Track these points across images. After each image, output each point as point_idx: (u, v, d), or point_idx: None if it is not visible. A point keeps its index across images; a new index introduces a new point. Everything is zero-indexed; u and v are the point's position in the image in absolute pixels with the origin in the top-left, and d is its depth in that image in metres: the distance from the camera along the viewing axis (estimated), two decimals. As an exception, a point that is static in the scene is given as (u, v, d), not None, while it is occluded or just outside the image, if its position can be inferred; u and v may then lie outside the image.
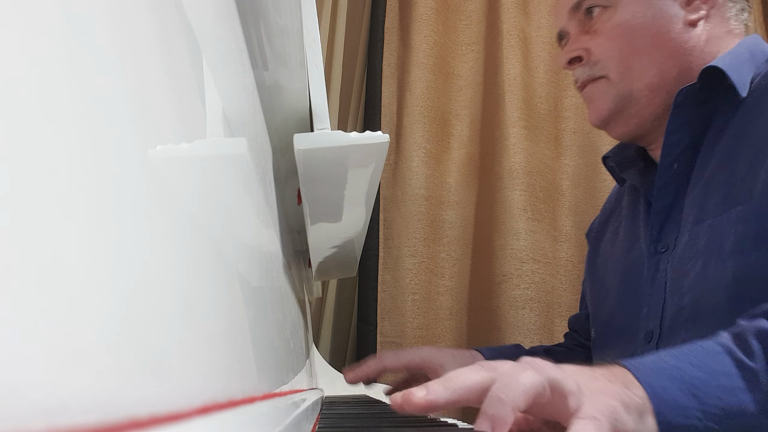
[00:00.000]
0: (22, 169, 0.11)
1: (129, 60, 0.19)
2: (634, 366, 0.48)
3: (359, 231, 0.79)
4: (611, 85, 0.77)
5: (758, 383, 0.46)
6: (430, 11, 1.54)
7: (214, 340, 0.24)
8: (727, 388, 0.46)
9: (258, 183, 0.43)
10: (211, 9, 0.33)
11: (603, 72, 0.78)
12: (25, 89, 0.11)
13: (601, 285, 0.88)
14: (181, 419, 0.18)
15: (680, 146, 0.73)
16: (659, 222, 0.76)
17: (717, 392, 0.46)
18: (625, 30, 0.76)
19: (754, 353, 0.47)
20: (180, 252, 0.21)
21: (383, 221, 1.51)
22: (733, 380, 0.46)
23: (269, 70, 0.53)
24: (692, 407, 0.46)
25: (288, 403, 0.42)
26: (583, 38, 0.79)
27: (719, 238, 0.65)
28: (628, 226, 0.84)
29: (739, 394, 0.46)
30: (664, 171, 0.74)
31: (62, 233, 0.12)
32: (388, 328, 1.46)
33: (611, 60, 0.77)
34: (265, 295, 0.41)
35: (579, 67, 0.80)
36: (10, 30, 0.11)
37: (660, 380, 0.46)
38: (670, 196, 0.75)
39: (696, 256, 0.68)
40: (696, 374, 0.47)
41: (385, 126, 1.53)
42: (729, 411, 0.45)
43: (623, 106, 0.77)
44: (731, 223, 0.64)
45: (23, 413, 0.10)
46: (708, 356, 0.48)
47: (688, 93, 0.71)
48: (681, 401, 0.46)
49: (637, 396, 0.46)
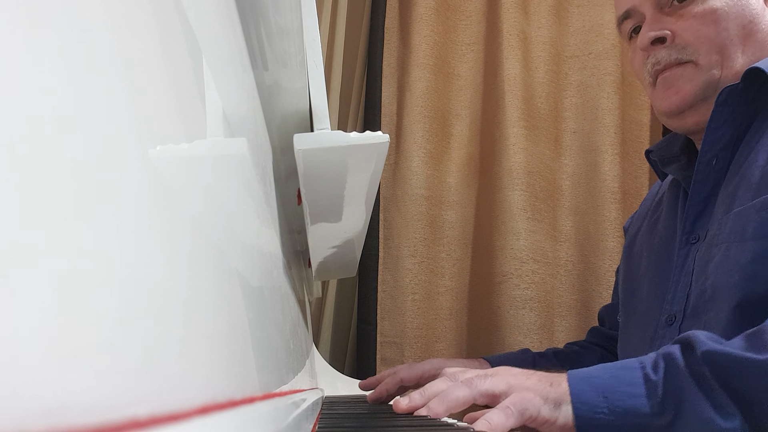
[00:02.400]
0: (22, 169, 0.11)
1: (128, 60, 0.19)
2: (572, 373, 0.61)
3: (359, 231, 0.79)
4: (700, 71, 0.76)
5: (655, 392, 0.57)
6: (430, 11, 1.54)
7: (214, 340, 0.24)
8: (630, 394, 0.58)
9: (258, 183, 0.43)
10: (211, 9, 0.33)
11: (692, 57, 0.76)
12: (24, 89, 0.11)
13: (634, 274, 0.90)
14: (181, 419, 0.18)
15: (720, 143, 0.74)
16: (694, 214, 0.77)
17: (622, 396, 0.58)
18: (719, 16, 0.75)
19: (659, 369, 0.58)
20: (180, 252, 0.21)
21: (383, 221, 1.51)
22: (637, 389, 0.58)
23: (269, 70, 0.53)
24: (601, 405, 0.58)
25: (288, 403, 0.42)
26: (667, 20, 0.78)
27: (742, 225, 0.67)
28: (667, 220, 0.86)
29: (638, 398, 0.57)
30: (703, 166, 0.76)
31: (62, 233, 0.12)
32: (388, 328, 1.46)
33: (704, 45, 0.76)
34: (265, 295, 0.41)
35: (663, 49, 0.78)
36: (10, 30, 0.11)
37: (581, 384, 0.60)
38: (707, 191, 0.76)
39: (720, 243, 0.70)
40: (609, 382, 0.59)
41: (385, 126, 1.52)
42: (628, 410, 0.57)
43: (710, 94, 0.76)
44: (756, 210, 0.66)
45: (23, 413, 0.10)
46: (625, 370, 0.60)
47: (730, 92, 0.72)
48: (593, 400, 0.59)
49: (557, 391, 0.60)
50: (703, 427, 0.55)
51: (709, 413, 0.55)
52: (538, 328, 1.42)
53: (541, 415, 0.59)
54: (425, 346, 1.44)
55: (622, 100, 1.53)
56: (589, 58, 1.57)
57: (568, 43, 1.60)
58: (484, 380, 0.62)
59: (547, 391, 0.60)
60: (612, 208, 1.48)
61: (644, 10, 0.80)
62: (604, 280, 1.45)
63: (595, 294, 1.46)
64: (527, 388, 0.60)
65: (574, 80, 1.57)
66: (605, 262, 1.47)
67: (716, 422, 0.54)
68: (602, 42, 1.55)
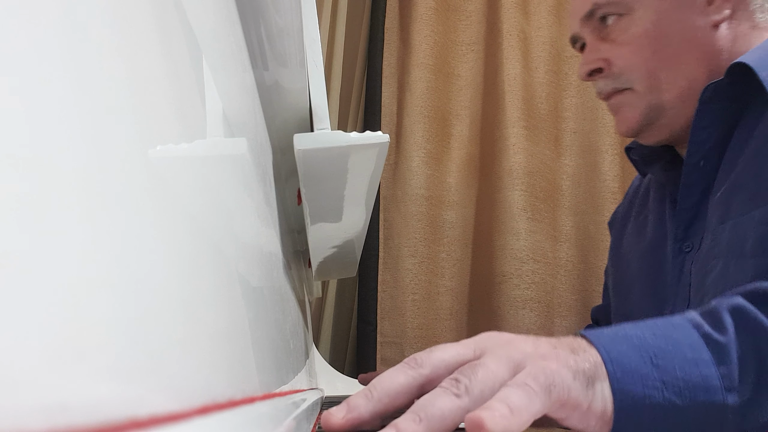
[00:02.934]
0: (23, 169, 0.11)
1: (129, 60, 0.19)
2: (590, 333, 0.43)
3: (359, 231, 0.79)
4: (639, 97, 0.74)
5: (726, 357, 0.42)
6: (430, 11, 1.54)
7: (214, 340, 0.24)
8: (691, 360, 0.42)
9: (258, 183, 0.43)
10: (211, 9, 0.33)
11: (628, 84, 0.75)
12: (25, 89, 0.11)
13: (623, 279, 0.87)
14: (181, 419, 0.18)
15: (708, 143, 0.71)
16: (685, 221, 0.74)
17: (680, 363, 0.42)
18: (648, 40, 0.72)
19: (725, 328, 0.44)
20: (180, 252, 0.21)
21: (383, 221, 1.51)
22: (699, 353, 0.42)
23: (269, 70, 0.53)
24: (652, 376, 0.41)
25: (288, 403, 0.42)
26: (602, 47, 0.76)
27: (741, 239, 0.63)
28: (655, 222, 0.83)
29: (703, 367, 0.42)
30: (690, 169, 0.72)
31: (62, 233, 0.12)
32: (388, 328, 1.46)
33: (636, 72, 0.74)
34: (265, 295, 0.41)
35: (601, 79, 0.77)
36: (10, 30, 0.11)
37: (618, 345, 0.42)
38: (696, 195, 0.73)
39: (718, 256, 0.66)
40: (658, 343, 0.42)
41: (385, 126, 1.52)
42: (691, 383, 0.41)
43: (654, 118, 0.75)
44: (754, 223, 0.62)
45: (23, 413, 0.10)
46: (673, 328, 0.44)
47: (716, 89, 0.69)
48: (640, 368, 0.41)
49: (587, 361, 0.41)
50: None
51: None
52: (538, 328, 1.42)
53: (572, 397, 0.39)
54: (425, 346, 1.44)
55: (622, 100, 1.54)
56: (589, 58, 1.57)
57: (568, 43, 1.59)
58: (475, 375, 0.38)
59: (573, 360, 0.41)
60: (612, 208, 1.47)
61: (584, 36, 0.79)
62: (603, 280, 1.45)
63: (595, 294, 1.46)
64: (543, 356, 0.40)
65: (574, 80, 1.57)
66: (605, 262, 1.46)
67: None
68: (602, 42, 1.55)
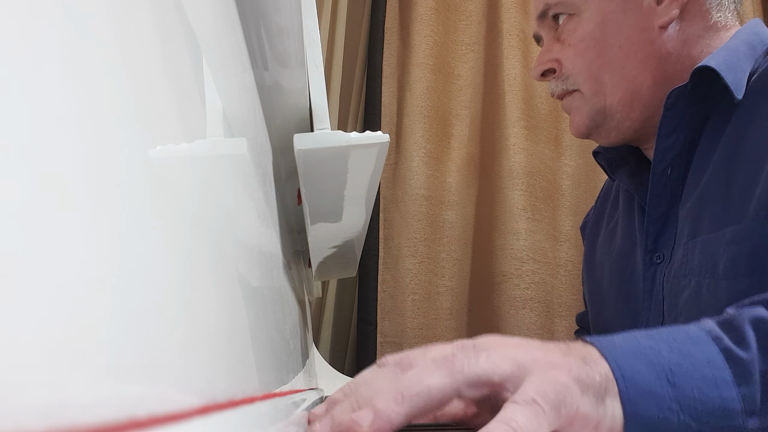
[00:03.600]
0: (23, 169, 0.11)
1: (129, 60, 0.19)
2: (601, 343, 0.40)
3: (359, 231, 0.79)
4: (585, 100, 0.74)
5: (749, 377, 0.39)
6: (430, 11, 1.54)
7: (214, 340, 0.24)
8: (711, 380, 0.39)
9: (258, 183, 0.43)
10: (211, 9, 0.33)
11: (576, 86, 0.75)
12: (25, 89, 0.11)
13: (597, 287, 0.86)
14: (181, 419, 0.18)
15: (674, 150, 0.69)
16: (654, 231, 0.72)
17: (698, 382, 0.38)
18: (591, 43, 0.72)
19: (747, 342, 0.40)
20: (180, 252, 0.21)
21: (383, 221, 1.51)
22: (719, 371, 0.39)
23: (269, 70, 0.53)
24: (668, 397, 0.38)
25: (288, 403, 0.42)
26: (555, 47, 0.76)
27: (713, 258, 0.62)
28: (625, 228, 0.81)
29: (723, 388, 0.38)
30: (657, 177, 0.70)
31: (62, 233, 0.12)
32: (388, 328, 1.46)
33: (581, 75, 0.73)
34: (265, 295, 0.41)
35: (553, 80, 0.77)
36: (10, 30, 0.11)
37: (632, 362, 0.39)
38: (664, 204, 0.71)
39: (689, 274, 0.65)
40: (674, 359, 0.39)
41: (385, 126, 1.52)
42: (710, 406, 0.38)
43: (600, 121, 0.74)
44: (725, 242, 0.61)
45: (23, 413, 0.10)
46: (691, 342, 0.40)
47: (679, 94, 0.67)
48: (655, 389, 0.38)
49: (597, 374, 0.38)
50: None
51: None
52: (538, 328, 1.42)
53: (580, 413, 0.37)
54: (425, 345, 1.44)
55: (622, 100, 1.54)
56: (589, 58, 1.57)
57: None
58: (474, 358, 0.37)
59: (584, 372, 0.38)
60: (612, 208, 1.48)
61: (543, 35, 0.79)
62: (581, 288, 1.45)
63: (595, 294, 1.46)
64: (553, 364, 0.37)
65: (574, 80, 1.57)
66: (605, 262, 1.47)
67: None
68: (602, 42, 1.55)
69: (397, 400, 0.35)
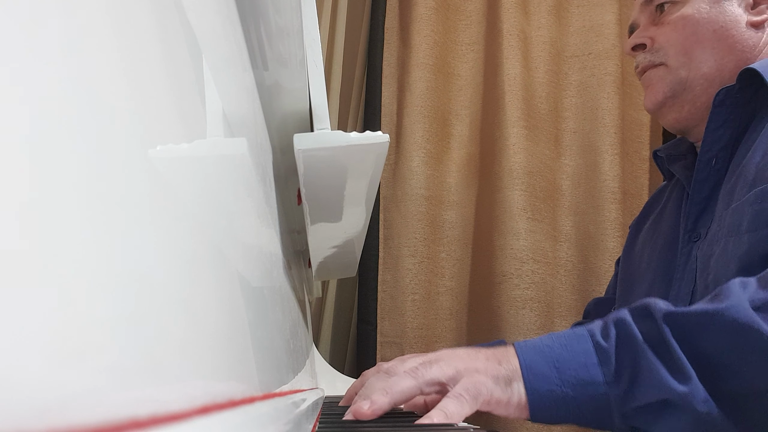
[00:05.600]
0: (23, 169, 0.11)
1: (129, 60, 0.19)
2: (520, 345, 0.60)
3: (359, 231, 0.79)
4: (669, 72, 0.83)
5: (608, 359, 0.57)
6: (430, 11, 1.54)
7: (214, 340, 0.24)
8: (583, 363, 0.58)
9: (258, 183, 0.43)
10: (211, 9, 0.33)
11: (663, 59, 0.83)
12: (25, 89, 0.11)
13: (635, 270, 0.92)
14: (181, 419, 0.18)
15: (720, 143, 0.77)
16: (695, 213, 0.81)
17: (575, 366, 0.58)
18: (689, 22, 0.81)
19: (610, 336, 0.58)
20: (180, 252, 0.21)
21: (383, 221, 1.51)
22: (589, 357, 0.58)
23: (269, 70, 0.53)
24: (554, 376, 0.58)
25: (288, 403, 0.42)
26: (651, 29, 0.86)
27: (739, 219, 0.69)
28: (671, 219, 0.89)
29: (591, 368, 0.57)
30: (703, 165, 0.79)
31: (63, 233, 0.12)
32: (388, 328, 1.46)
33: (672, 47, 0.82)
34: (265, 295, 0.41)
35: (641, 54, 0.85)
36: (10, 30, 0.11)
37: (533, 356, 0.59)
38: (707, 190, 0.79)
39: (720, 238, 0.72)
40: (561, 352, 0.59)
41: (385, 126, 1.52)
42: (582, 380, 0.57)
43: (678, 92, 0.82)
44: (749, 203, 0.68)
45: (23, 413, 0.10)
46: (575, 339, 0.59)
47: (727, 93, 0.75)
48: (545, 371, 0.58)
49: (507, 369, 0.59)
50: (659, 392, 0.54)
51: (665, 377, 0.54)
52: (538, 328, 1.42)
53: (494, 397, 0.57)
54: (425, 346, 1.44)
55: (622, 100, 1.53)
56: (589, 58, 1.56)
57: (568, 43, 1.59)
58: (429, 368, 0.59)
59: (497, 370, 0.58)
60: (612, 208, 1.48)
61: (640, 22, 0.89)
62: (604, 280, 1.45)
63: (595, 294, 1.46)
64: (477, 370, 0.58)
65: (574, 80, 1.57)
66: (605, 262, 1.47)
67: (671, 386, 0.54)
68: (602, 42, 1.55)
69: (385, 394, 0.57)
